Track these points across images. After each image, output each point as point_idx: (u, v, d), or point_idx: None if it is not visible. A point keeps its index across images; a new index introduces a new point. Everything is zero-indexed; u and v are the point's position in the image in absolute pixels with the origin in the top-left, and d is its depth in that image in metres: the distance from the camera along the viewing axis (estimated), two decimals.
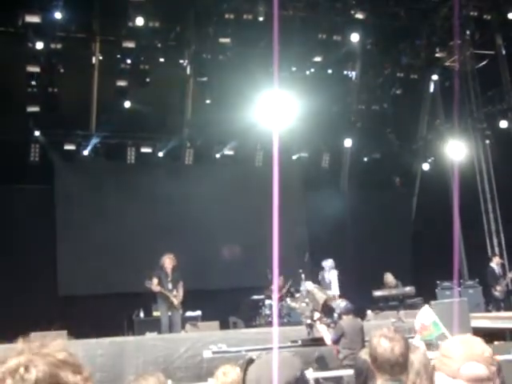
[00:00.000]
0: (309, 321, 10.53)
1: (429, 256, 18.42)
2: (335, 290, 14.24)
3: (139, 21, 15.35)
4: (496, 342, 10.94)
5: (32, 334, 11.05)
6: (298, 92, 18.49)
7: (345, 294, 17.32)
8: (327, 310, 10.36)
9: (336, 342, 9.48)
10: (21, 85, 16.22)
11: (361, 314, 14.56)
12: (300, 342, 10.55)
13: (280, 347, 10.15)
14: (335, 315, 9.75)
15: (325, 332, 9.83)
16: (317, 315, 10.38)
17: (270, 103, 18.53)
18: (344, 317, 9.63)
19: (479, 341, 2.49)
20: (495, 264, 16.55)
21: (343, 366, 9.21)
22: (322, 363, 10.14)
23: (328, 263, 14.58)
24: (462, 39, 18.65)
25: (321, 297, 11.03)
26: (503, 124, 18.73)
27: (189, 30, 18.03)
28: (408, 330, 11.63)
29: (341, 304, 9.89)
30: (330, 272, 14.52)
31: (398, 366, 3.21)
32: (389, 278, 15.92)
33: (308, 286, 12.06)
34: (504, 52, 19.45)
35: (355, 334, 9.46)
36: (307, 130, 19.26)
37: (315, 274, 14.67)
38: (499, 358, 6.31)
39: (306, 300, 11.48)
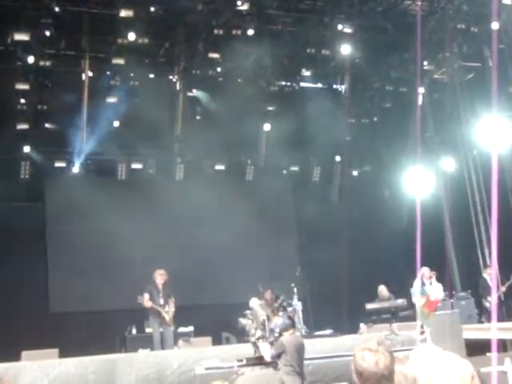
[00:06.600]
0: (253, 339, 10.50)
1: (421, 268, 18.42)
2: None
3: (129, 37, 15.38)
4: (488, 354, 10.94)
5: (23, 352, 10.98)
6: (288, 106, 18.58)
7: (338, 307, 17.42)
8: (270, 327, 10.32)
9: (276, 357, 9.43)
10: (10, 102, 16.20)
11: (354, 327, 14.57)
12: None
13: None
14: (275, 333, 9.70)
15: (265, 350, 9.79)
16: (258, 333, 10.35)
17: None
18: (284, 333, 9.59)
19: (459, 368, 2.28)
20: (487, 275, 16.57)
21: (282, 383, 9.18)
22: None
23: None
24: (450, 52, 18.77)
25: (261, 314, 11.00)
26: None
27: (178, 46, 18.09)
28: (401, 342, 11.65)
29: (278, 321, 9.86)
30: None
31: (385, 379, 3.14)
32: (383, 290, 15.91)
33: (252, 303, 12.00)
34: (491, 64, 19.56)
35: (296, 350, 9.41)
36: (297, 144, 19.30)
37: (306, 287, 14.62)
38: (491, 369, 6.30)
39: (251, 317, 11.45)
